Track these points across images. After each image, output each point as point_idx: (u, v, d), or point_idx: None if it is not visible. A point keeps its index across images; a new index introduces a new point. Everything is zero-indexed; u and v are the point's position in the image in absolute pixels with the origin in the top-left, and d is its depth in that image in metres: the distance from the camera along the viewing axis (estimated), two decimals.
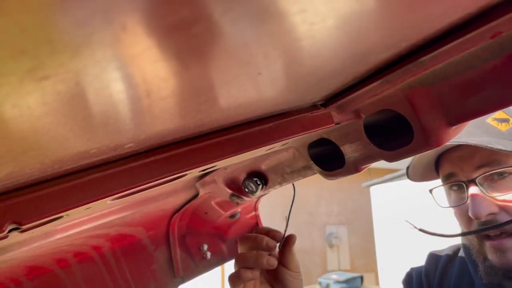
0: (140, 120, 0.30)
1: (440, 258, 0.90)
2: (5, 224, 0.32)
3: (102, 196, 0.36)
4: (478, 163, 0.70)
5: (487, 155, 0.69)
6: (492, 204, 0.69)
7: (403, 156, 0.47)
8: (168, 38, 0.20)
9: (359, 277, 5.75)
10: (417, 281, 0.92)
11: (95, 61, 0.19)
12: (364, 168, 0.56)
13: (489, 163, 0.69)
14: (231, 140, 0.42)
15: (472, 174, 0.71)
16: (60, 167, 0.33)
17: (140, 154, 0.39)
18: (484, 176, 0.70)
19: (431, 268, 0.91)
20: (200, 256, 0.94)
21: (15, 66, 0.17)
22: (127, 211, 0.66)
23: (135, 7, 0.16)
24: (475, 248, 0.76)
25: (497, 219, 0.69)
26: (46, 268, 0.69)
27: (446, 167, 0.77)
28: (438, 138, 0.43)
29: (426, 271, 0.91)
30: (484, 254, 0.73)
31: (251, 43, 0.23)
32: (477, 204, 0.69)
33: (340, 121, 0.48)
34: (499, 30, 0.29)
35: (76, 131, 0.26)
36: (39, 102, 0.21)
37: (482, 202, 0.69)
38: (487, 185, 0.71)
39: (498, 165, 0.69)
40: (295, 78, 0.33)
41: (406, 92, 0.42)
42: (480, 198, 0.69)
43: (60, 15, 0.15)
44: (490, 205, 0.69)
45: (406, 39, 0.31)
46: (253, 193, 0.72)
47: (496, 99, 0.38)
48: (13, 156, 0.26)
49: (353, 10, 0.23)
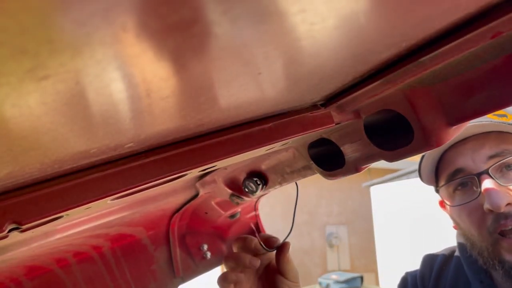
0: (140, 120, 0.30)
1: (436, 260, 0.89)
2: (5, 224, 0.32)
3: (102, 196, 0.36)
4: (489, 153, 0.69)
5: (496, 145, 0.68)
6: (509, 194, 0.68)
7: (403, 156, 0.47)
8: (168, 38, 0.20)
9: (359, 277, 5.75)
10: (412, 285, 0.90)
11: (95, 60, 0.19)
12: (364, 168, 0.56)
13: (499, 153, 0.68)
14: (231, 140, 0.42)
15: (483, 166, 0.70)
16: (60, 167, 0.33)
17: (140, 154, 0.39)
18: (495, 167, 0.69)
19: (426, 270, 0.89)
20: (200, 256, 0.94)
21: (15, 65, 0.17)
22: (127, 211, 0.66)
23: (135, 7, 0.16)
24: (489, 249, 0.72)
25: None
26: (46, 268, 0.69)
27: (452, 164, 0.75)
28: (438, 138, 0.43)
29: (421, 274, 0.90)
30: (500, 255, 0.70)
31: (251, 43, 0.23)
32: (494, 194, 0.67)
33: (340, 121, 0.48)
34: (499, 30, 0.29)
35: (76, 131, 0.27)
36: (39, 102, 0.21)
37: (498, 192, 0.67)
38: (499, 176, 0.69)
39: (510, 153, 0.68)
40: (295, 78, 0.33)
41: (406, 92, 0.42)
42: (496, 189, 0.68)
43: (61, 14, 0.15)
44: (506, 195, 0.67)
45: (406, 39, 0.31)
46: (253, 193, 0.72)
47: (496, 99, 0.38)
48: (13, 156, 0.26)
49: (353, 10, 0.23)
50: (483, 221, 0.71)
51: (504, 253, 0.69)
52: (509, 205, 0.67)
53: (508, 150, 0.68)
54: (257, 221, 1.00)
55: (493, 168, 0.69)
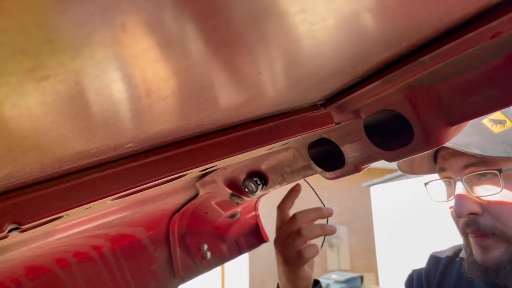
0: (140, 120, 0.30)
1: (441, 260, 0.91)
2: (5, 224, 0.32)
3: (102, 196, 0.36)
4: (465, 162, 0.71)
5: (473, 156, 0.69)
6: (474, 204, 0.70)
7: (403, 156, 0.47)
8: (167, 39, 0.20)
9: (359, 277, 5.76)
10: (417, 283, 0.92)
11: (95, 61, 0.19)
12: (364, 168, 0.56)
13: (476, 163, 0.70)
14: (231, 140, 0.42)
15: (459, 172, 0.72)
16: (60, 167, 0.33)
17: (140, 154, 0.39)
18: (470, 175, 0.70)
19: (431, 269, 0.91)
20: (200, 256, 0.94)
21: (15, 66, 0.17)
22: (127, 211, 0.66)
23: (134, 8, 0.16)
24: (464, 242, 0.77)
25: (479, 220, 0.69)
26: (46, 268, 0.69)
27: (440, 161, 0.78)
28: (438, 138, 0.43)
29: (427, 272, 0.92)
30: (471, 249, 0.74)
31: (250, 43, 0.23)
32: (459, 202, 0.70)
33: (340, 121, 0.48)
34: (499, 30, 0.29)
35: (76, 131, 0.26)
36: (39, 102, 0.21)
37: (464, 200, 0.70)
38: (472, 184, 0.71)
39: (485, 166, 0.69)
40: (295, 78, 0.33)
41: (406, 92, 0.42)
42: (464, 197, 0.70)
43: (61, 15, 0.15)
44: (472, 204, 0.70)
45: (406, 39, 0.31)
46: (253, 193, 0.72)
47: (496, 99, 0.38)
48: (13, 156, 0.26)
49: (353, 10, 0.23)
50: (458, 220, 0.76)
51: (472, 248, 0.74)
52: (472, 214, 0.70)
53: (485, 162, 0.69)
54: (257, 221, 1.00)
55: (467, 177, 0.71)
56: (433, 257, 0.94)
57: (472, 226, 0.70)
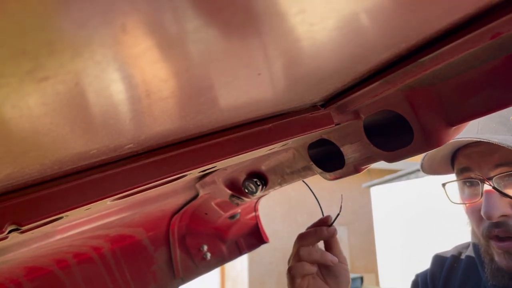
0: (140, 121, 0.30)
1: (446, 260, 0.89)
2: (5, 225, 0.32)
3: (102, 197, 0.36)
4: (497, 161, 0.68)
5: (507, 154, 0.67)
6: (506, 205, 0.67)
7: (403, 156, 0.47)
8: (167, 39, 0.20)
9: (359, 278, 5.76)
10: (423, 285, 0.91)
11: (95, 62, 0.19)
12: (364, 169, 0.56)
13: (508, 162, 0.67)
14: (231, 140, 0.42)
15: (489, 172, 0.69)
16: (60, 168, 0.33)
17: (140, 154, 0.39)
18: (501, 176, 0.68)
19: (436, 270, 0.90)
20: (200, 257, 0.94)
21: (15, 66, 0.17)
22: (127, 212, 0.66)
23: (134, 9, 0.16)
24: (483, 247, 0.74)
25: (509, 222, 0.67)
26: (46, 269, 0.69)
27: (463, 161, 0.74)
28: (438, 139, 0.43)
29: (432, 273, 0.90)
30: (491, 255, 0.72)
31: (250, 44, 0.23)
32: (491, 203, 0.67)
33: (340, 121, 0.48)
34: (499, 31, 0.29)
35: (76, 132, 0.26)
36: (39, 103, 0.21)
37: (496, 202, 0.67)
38: (503, 185, 0.68)
39: None
40: (295, 78, 0.33)
41: (406, 92, 0.42)
42: (495, 198, 0.67)
43: (61, 16, 0.15)
44: (504, 206, 0.67)
45: (406, 39, 0.31)
46: (253, 193, 0.72)
47: (496, 100, 0.38)
48: (13, 157, 0.26)
49: (353, 11, 0.23)
50: (481, 222, 0.72)
51: (495, 254, 0.71)
52: (504, 216, 0.67)
53: None
54: (257, 222, 1.00)
55: (498, 177, 0.68)
56: (437, 257, 0.92)
57: (501, 228, 0.67)
